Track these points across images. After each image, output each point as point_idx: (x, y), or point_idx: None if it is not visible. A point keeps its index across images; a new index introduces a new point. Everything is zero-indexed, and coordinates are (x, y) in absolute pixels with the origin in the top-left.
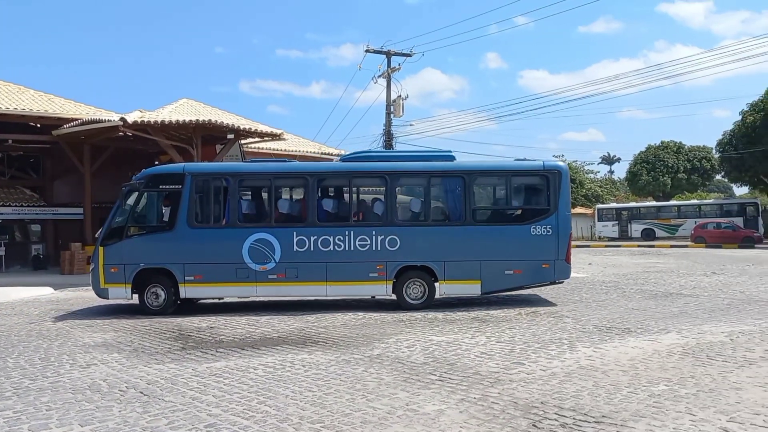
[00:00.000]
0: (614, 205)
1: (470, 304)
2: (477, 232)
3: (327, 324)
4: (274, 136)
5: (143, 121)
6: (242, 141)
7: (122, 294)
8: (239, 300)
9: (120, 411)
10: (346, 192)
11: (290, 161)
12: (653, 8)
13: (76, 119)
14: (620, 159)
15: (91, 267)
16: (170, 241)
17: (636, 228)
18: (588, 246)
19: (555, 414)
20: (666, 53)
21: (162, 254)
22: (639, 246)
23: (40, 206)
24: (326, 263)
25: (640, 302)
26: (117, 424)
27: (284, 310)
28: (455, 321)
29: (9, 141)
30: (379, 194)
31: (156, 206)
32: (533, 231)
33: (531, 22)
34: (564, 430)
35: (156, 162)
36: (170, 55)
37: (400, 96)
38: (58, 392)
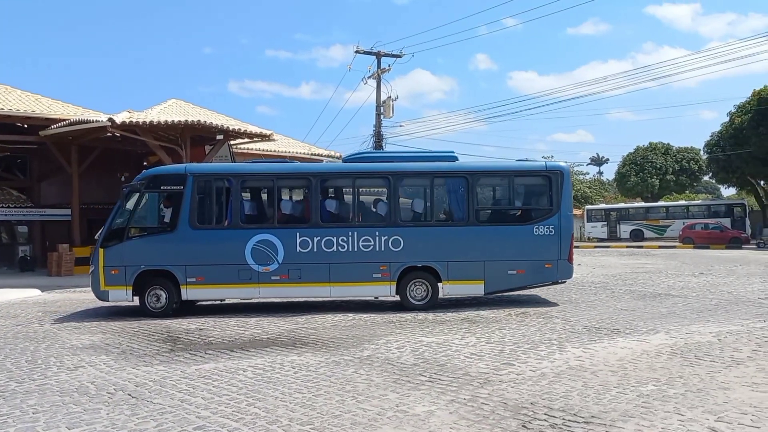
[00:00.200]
0: (603, 206)
1: (460, 305)
2: (480, 233)
3: (317, 325)
4: (264, 137)
5: (131, 122)
6: (231, 142)
7: (123, 296)
8: (231, 301)
9: (108, 414)
10: (350, 193)
11: (292, 162)
12: (641, 10)
13: (64, 119)
14: (609, 160)
15: (91, 269)
16: (172, 243)
17: (625, 229)
18: (577, 247)
19: (545, 414)
20: (654, 55)
21: (163, 256)
22: (628, 247)
23: (27, 207)
24: (329, 264)
25: (629, 303)
26: (105, 427)
27: (274, 312)
28: (445, 322)
29: None
30: (383, 195)
31: (157, 207)
32: (536, 231)
33: (520, 24)
34: (553, 431)
35: (144, 163)
36: (159, 56)
37: (390, 97)
38: (45, 395)
